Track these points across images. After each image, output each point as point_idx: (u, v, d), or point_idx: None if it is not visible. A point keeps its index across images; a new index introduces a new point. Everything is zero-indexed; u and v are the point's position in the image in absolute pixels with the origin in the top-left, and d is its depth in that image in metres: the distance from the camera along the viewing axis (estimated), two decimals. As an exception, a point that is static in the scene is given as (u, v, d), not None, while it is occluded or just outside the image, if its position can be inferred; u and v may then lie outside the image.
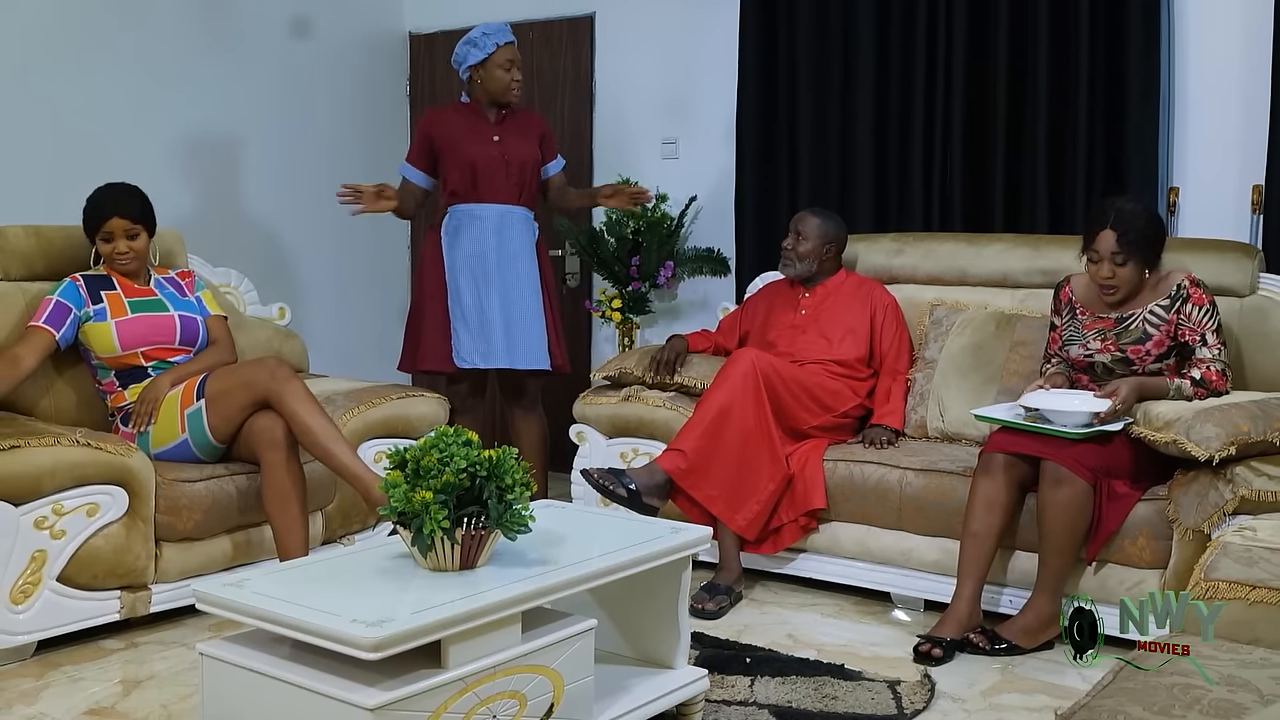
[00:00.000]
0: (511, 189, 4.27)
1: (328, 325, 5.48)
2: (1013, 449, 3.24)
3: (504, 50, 4.23)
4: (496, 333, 4.22)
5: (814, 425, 3.83)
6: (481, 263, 4.23)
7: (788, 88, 4.80)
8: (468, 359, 4.24)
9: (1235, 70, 4.05)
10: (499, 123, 4.30)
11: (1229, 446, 2.96)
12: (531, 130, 4.37)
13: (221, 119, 5.02)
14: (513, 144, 4.28)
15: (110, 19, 4.61)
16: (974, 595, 3.23)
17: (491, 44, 4.24)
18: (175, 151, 4.82)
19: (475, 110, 4.32)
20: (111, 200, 3.56)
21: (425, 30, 5.84)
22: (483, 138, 4.26)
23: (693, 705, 2.65)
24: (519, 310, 4.23)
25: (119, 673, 3.05)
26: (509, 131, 4.30)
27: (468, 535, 2.26)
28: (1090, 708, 1.83)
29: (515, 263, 4.25)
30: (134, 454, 3.26)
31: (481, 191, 4.26)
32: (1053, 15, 4.22)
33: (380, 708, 1.96)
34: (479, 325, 4.23)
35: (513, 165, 4.26)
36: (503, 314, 4.22)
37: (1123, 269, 3.30)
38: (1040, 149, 4.26)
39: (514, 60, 4.25)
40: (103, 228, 3.55)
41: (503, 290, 4.22)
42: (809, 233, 4.07)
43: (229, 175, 5.10)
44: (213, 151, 5.01)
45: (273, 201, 5.30)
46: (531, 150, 4.32)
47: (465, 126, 4.28)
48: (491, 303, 4.22)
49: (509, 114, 4.34)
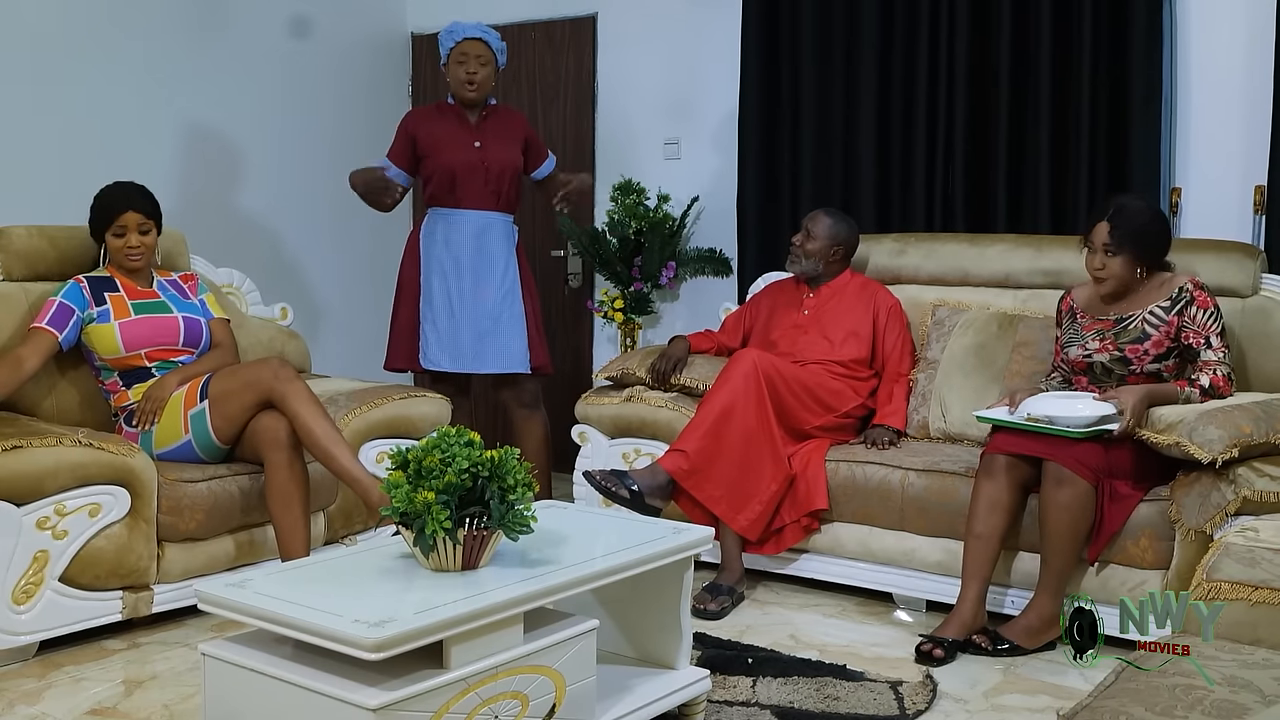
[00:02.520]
0: (490, 195, 4.26)
1: (330, 325, 5.49)
2: (1014, 450, 3.24)
3: (460, 46, 4.23)
4: (466, 337, 4.23)
5: (816, 425, 3.83)
6: (455, 267, 4.24)
7: (790, 88, 4.80)
8: (434, 360, 4.26)
9: (1238, 70, 4.05)
10: (480, 126, 4.29)
11: (1232, 449, 2.95)
12: (514, 133, 4.35)
13: (224, 119, 5.03)
14: (493, 149, 4.27)
15: (113, 20, 4.61)
16: (978, 597, 3.23)
17: (450, 41, 4.26)
18: (178, 152, 4.83)
19: (457, 113, 4.31)
20: (125, 195, 3.58)
21: (427, 30, 5.83)
22: (463, 143, 4.25)
23: (695, 706, 2.65)
24: (494, 315, 4.24)
25: (121, 673, 3.06)
26: (490, 136, 4.28)
27: (470, 536, 2.26)
28: (1092, 708, 1.83)
29: (491, 268, 4.26)
30: (136, 454, 3.27)
31: (460, 197, 4.26)
32: (1055, 16, 4.22)
33: (382, 708, 1.96)
34: (448, 328, 4.24)
35: (492, 172, 4.24)
36: (474, 319, 4.23)
37: (1112, 260, 3.31)
38: (1043, 149, 4.26)
39: (469, 55, 4.21)
40: (116, 221, 3.56)
41: (477, 295, 4.23)
42: (819, 232, 4.07)
43: (232, 176, 5.11)
44: (216, 152, 5.01)
45: (275, 202, 5.30)
46: (513, 155, 4.31)
47: (446, 131, 4.27)
48: (463, 307, 4.23)
49: (490, 115, 4.33)
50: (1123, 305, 3.38)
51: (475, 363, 4.25)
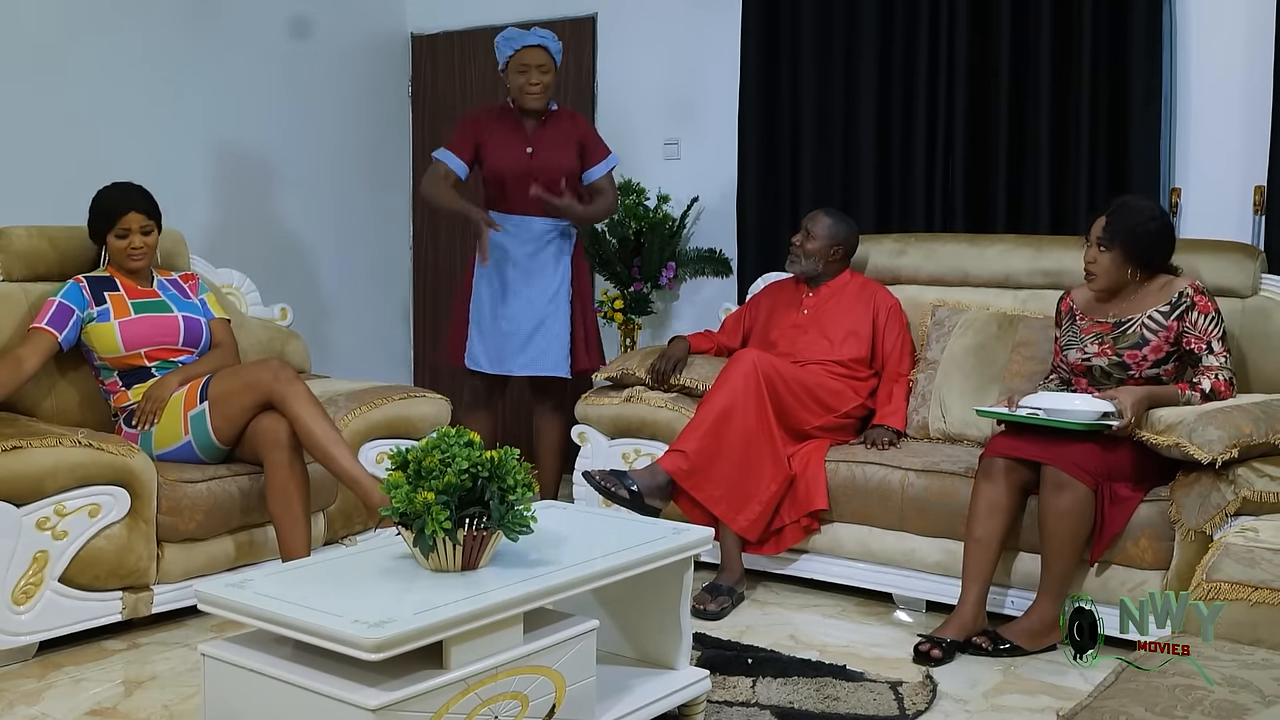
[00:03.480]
0: (538, 201, 4.27)
1: (330, 326, 5.49)
2: (1013, 453, 3.24)
3: (519, 55, 4.26)
4: (510, 341, 4.29)
5: (815, 426, 3.83)
6: (500, 270, 4.29)
7: (790, 88, 4.80)
8: (476, 360, 4.34)
9: (1237, 71, 4.05)
10: (535, 131, 4.32)
11: (1231, 449, 2.96)
12: (570, 138, 4.36)
13: (224, 120, 5.02)
14: (545, 156, 4.29)
15: (113, 21, 4.61)
16: (979, 600, 3.23)
17: (509, 49, 4.29)
18: (179, 153, 4.82)
19: (515, 118, 4.34)
20: (126, 196, 3.58)
21: (427, 31, 5.84)
22: (515, 149, 4.29)
23: (695, 706, 2.65)
24: (538, 319, 4.28)
25: (121, 673, 3.06)
26: (544, 142, 4.31)
27: (470, 536, 2.26)
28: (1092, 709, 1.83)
29: (540, 272, 4.30)
30: (136, 454, 3.26)
31: (510, 202, 4.31)
32: (1055, 15, 4.22)
33: (382, 708, 1.96)
34: (492, 331, 4.30)
35: (540, 178, 4.25)
36: (518, 323, 4.27)
37: (1103, 256, 3.31)
38: (1043, 149, 4.26)
39: (529, 65, 4.24)
40: (119, 223, 3.55)
41: (522, 299, 4.28)
42: (819, 232, 4.07)
43: (231, 176, 5.10)
44: (216, 152, 5.01)
45: (275, 202, 5.30)
46: (566, 161, 4.32)
47: (502, 135, 4.32)
48: (508, 311, 4.28)
49: (549, 120, 4.35)
50: (1122, 308, 3.37)
51: (512, 365, 4.30)
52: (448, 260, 5.83)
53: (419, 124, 5.88)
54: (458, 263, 5.79)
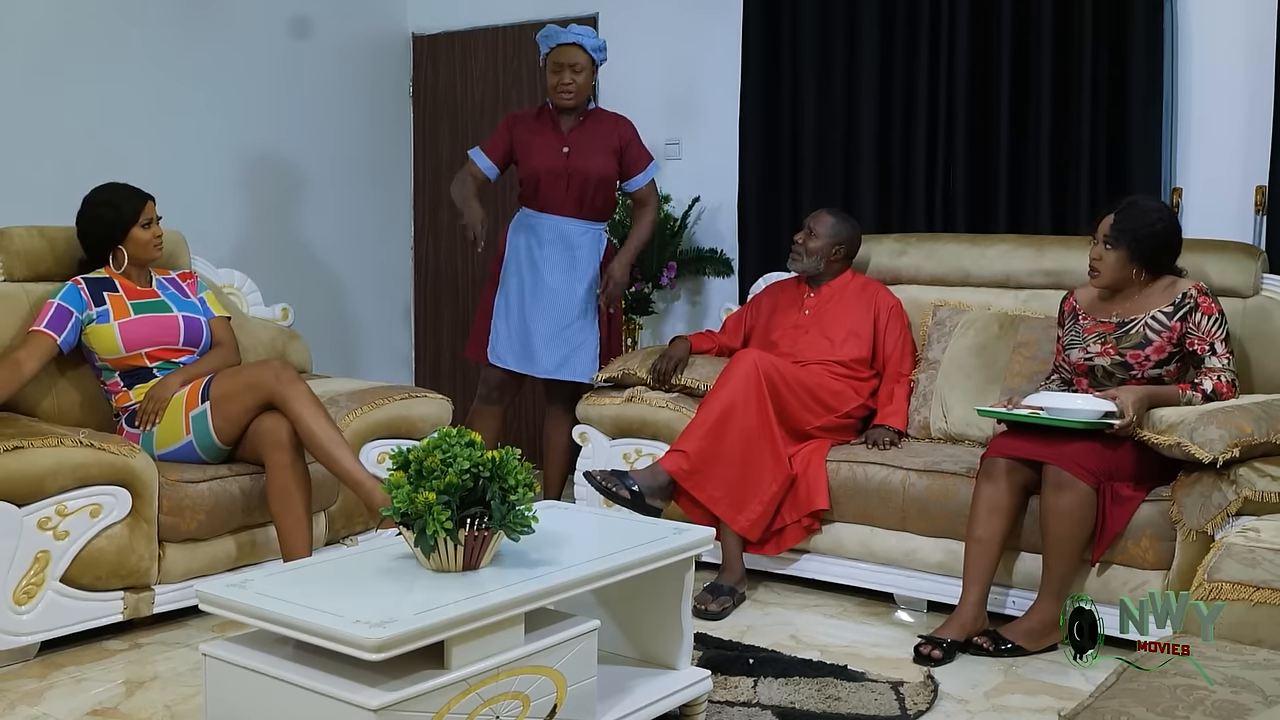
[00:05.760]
0: (572, 203, 4.27)
1: (331, 326, 5.49)
2: (1014, 453, 3.24)
3: (554, 53, 4.25)
4: (536, 341, 4.26)
5: (816, 426, 3.83)
6: (533, 269, 4.28)
7: (791, 89, 4.80)
8: (500, 357, 4.31)
9: (1238, 71, 4.05)
10: (572, 131, 4.30)
11: (1233, 449, 2.96)
12: (608, 141, 4.32)
13: (225, 120, 5.03)
14: (581, 157, 4.26)
15: (114, 21, 4.61)
16: (979, 600, 3.23)
17: (545, 47, 4.29)
18: (179, 153, 4.82)
19: (552, 118, 4.32)
20: (135, 189, 3.61)
21: (428, 31, 5.84)
22: (551, 149, 4.27)
23: (696, 706, 2.65)
24: (565, 321, 4.26)
25: (122, 673, 3.06)
26: (580, 143, 4.28)
27: (471, 536, 2.26)
28: (1094, 709, 1.83)
29: (571, 274, 4.28)
30: (137, 454, 3.27)
31: (543, 202, 4.30)
32: (1055, 16, 4.22)
33: (383, 708, 1.96)
34: (520, 329, 4.28)
35: (575, 179, 4.25)
36: (543, 322, 4.26)
37: (1109, 253, 3.32)
38: (1044, 150, 4.26)
39: (563, 64, 4.21)
40: (144, 212, 3.58)
41: (551, 299, 4.26)
42: (821, 231, 4.07)
43: (232, 176, 5.10)
44: (216, 152, 5.01)
45: (276, 202, 5.30)
46: (601, 164, 4.28)
47: (539, 135, 4.30)
48: (534, 309, 4.26)
49: (587, 120, 4.32)
50: (1125, 308, 3.37)
51: (536, 365, 4.28)
52: (449, 260, 5.84)
53: (420, 124, 5.88)
54: (459, 263, 5.80)
